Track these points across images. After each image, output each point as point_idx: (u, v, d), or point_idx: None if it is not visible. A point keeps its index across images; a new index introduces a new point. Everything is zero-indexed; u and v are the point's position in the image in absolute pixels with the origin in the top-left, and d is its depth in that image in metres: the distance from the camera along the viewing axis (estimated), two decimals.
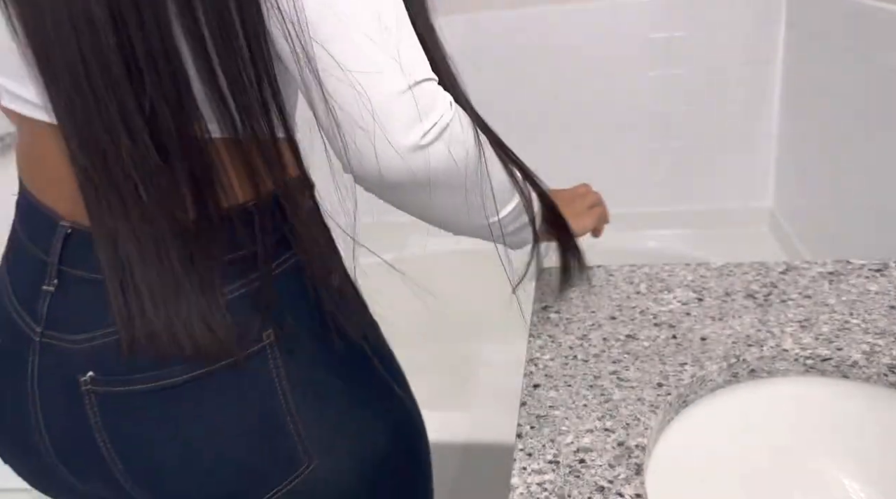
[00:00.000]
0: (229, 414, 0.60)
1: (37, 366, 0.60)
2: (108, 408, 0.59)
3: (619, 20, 1.88)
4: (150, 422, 0.59)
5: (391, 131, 0.52)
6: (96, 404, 0.59)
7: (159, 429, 0.59)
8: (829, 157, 1.49)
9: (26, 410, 0.62)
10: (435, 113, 0.54)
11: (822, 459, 0.70)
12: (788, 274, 0.85)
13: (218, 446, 0.60)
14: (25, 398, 0.62)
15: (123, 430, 0.60)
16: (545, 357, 0.74)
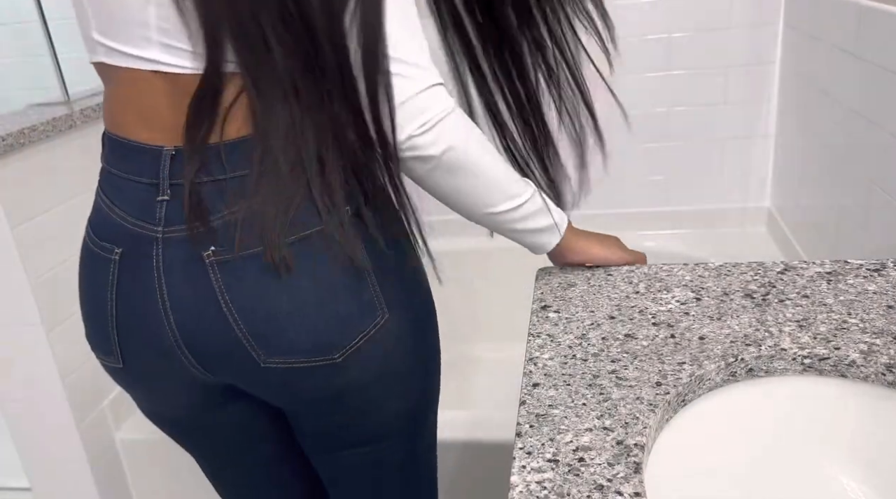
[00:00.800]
0: (324, 268, 0.73)
1: (161, 256, 0.73)
2: (228, 273, 0.72)
3: (619, 20, 1.88)
4: (261, 280, 0.72)
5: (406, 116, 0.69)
6: (219, 271, 0.72)
7: (268, 285, 0.72)
8: (827, 157, 1.49)
9: (154, 300, 0.74)
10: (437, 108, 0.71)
11: (820, 457, 0.70)
12: (786, 274, 0.86)
13: (319, 294, 0.73)
14: (153, 290, 0.74)
15: (241, 289, 0.72)
16: (544, 356, 0.74)
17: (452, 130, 0.73)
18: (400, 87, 0.69)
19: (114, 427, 1.59)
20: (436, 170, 0.74)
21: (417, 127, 0.71)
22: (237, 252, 0.72)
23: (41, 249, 1.39)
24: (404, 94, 0.69)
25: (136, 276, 0.75)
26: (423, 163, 0.73)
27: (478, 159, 0.76)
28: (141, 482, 1.64)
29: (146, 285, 0.75)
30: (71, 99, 1.56)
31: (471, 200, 0.78)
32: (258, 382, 0.78)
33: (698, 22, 1.84)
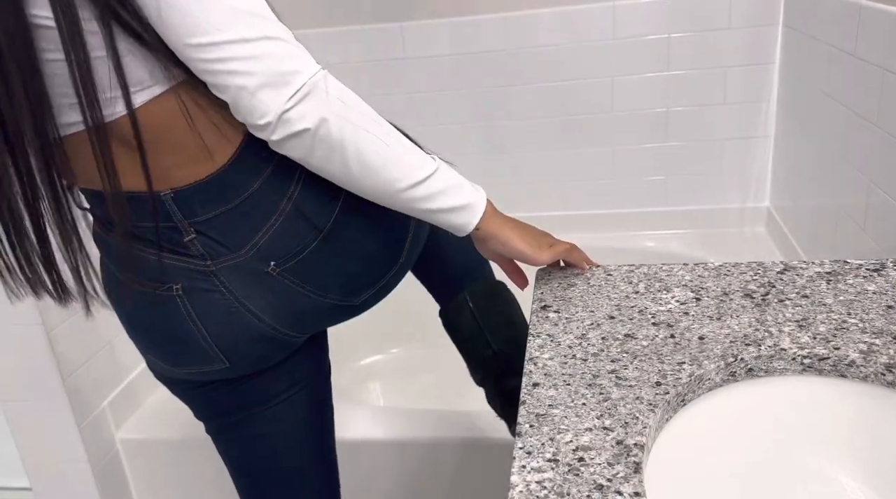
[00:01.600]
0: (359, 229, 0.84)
1: (227, 284, 0.80)
2: (298, 273, 0.81)
3: (618, 21, 1.88)
4: (328, 260, 0.82)
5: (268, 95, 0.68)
6: (290, 276, 0.81)
7: (335, 261, 0.83)
8: (827, 157, 1.49)
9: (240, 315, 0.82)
10: (299, 78, 0.69)
11: (819, 457, 0.70)
12: (786, 274, 0.86)
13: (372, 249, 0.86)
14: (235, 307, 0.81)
15: (317, 276, 0.82)
16: (544, 356, 0.74)
17: (325, 96, 0.70)
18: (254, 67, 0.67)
19: (114, 427, 1.59)
20: (316, 147, 0.72)
21: (286, 100, 0.68)
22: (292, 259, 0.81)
23: None
24: (265, 72, 0.67)
25: (211, 301, 0.81)
26: (300, 140, 0.71)
27: (362, 130, 0.73)
28: (141, 482, 1.64)
29: (226, 306, 0.82)
30: None
31: (366, 180, 0.75)
32: (355, 314, 0.91)
33: (698, 22, 1.84)
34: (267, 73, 0.67)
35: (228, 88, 0.68)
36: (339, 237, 0.83)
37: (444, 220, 0.81)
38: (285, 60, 0.68)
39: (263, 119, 0.68)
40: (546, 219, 2.13)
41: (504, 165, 2.08)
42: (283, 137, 0.70)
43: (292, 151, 0.73)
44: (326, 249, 0.82)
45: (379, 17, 1.97)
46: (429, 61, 2.00)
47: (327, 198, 0.81)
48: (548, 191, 2.11)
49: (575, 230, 2.11)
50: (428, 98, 2.03)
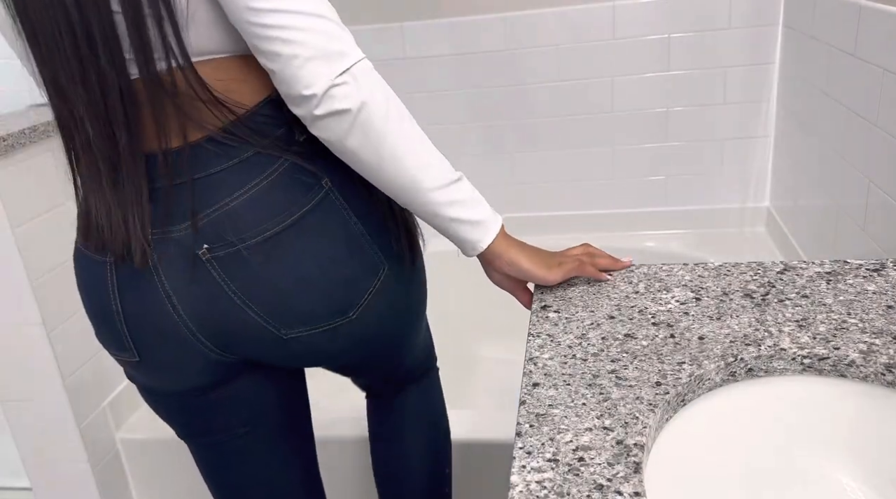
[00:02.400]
0: (321, 243, 0.79)
1: (156, 259, 0.77)
2: (228, 266, 0.76)
3: (618, 21, 1.88)
4: (264, 266, 0.77)
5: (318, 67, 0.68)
6: (217, 267, 0.77)
7: (272, 269, 0.77)
8: (827, 157, 1.49)
9: (158, 297, 0.78)
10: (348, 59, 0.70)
11: (819, 457, 0.70)
12: (786, 274, 0.86)
13: (323, 267, 0.79)
14: (156, 287, 0.77)
15: (246, 278, 0.77)
16: (544, 356, 0.74)
17: (370, 82, 0.71)
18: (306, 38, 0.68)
19: (114, 427, 1.59)
20: (353, 131, 0.72)
21: (335, 75, 0.69)
22: (229, 248, 0.76)
23: (41, 249, 1.40)
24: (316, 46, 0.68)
25: (135, 275, 0.78)
26: (340, 120, 0.71)
27: (398, 122, 0.74)
28: (141, 482, 1.64)
29: (147, 285, 0.78)
30: None
31: (393, 172, 0.75)
32: (283, 353, 0.84)
33: (698, 22, 1.84)
34: (318, 47, 0.68)
35: (280, 56, 0.68)
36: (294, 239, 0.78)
37: (459, 231, 0.80)
38: (335, 40, 0.69)
39: (309, 89, 0.69)
40: (546, 219, 2.13)
41: (504, 164, 2.08)
42: (325, 113, 0.70)
43: (328, 132, 0.72)
44: (273, 251, 0.77)
45: (379, 17, 1.97)
46: (429, 61, 2.00)
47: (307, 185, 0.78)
48: (548, 191, 2.11)
49: (575, 230, 2.12)
50: (428, 98, 2.03)
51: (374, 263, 0.83)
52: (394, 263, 0.86)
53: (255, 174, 0.76)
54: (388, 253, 0.85)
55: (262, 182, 0.76)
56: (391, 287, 0.86)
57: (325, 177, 0.79)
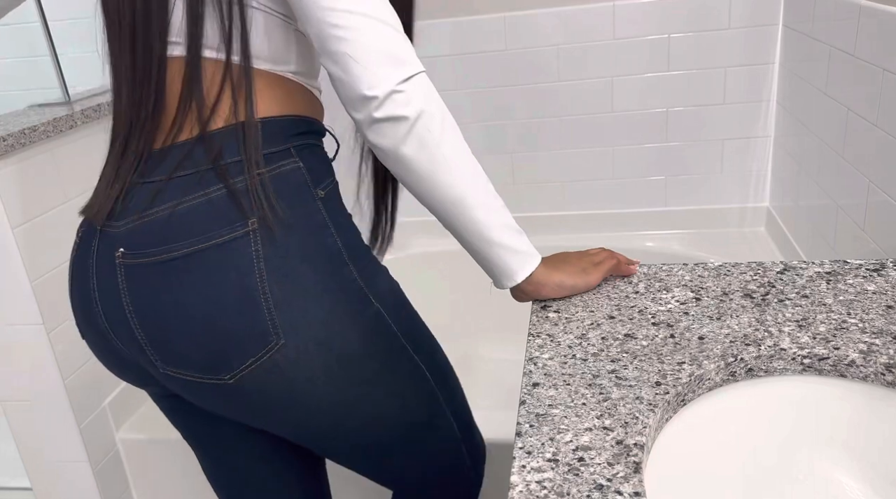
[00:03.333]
0: (215, 284, 0.72)
1: (97, 248, 0.78)
2: (131, 276, 0.75)
3: (618, 21, 1.88)
4: (158, 288, 0.74)
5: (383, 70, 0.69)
6: (124, 273, 0.75)
7: (164, 294, 0.73)
8: (827, 157, 1.49)
9: (88, 287, 0.79)
10: (411, 67, 0.70)
11: (819, 457, 0.70)
12: (786, 274, 0.86)
13: (207, 311, 0.73)
14: (88, 278, 0.79)
15: (140, 294, 0.75)
16: (544, 356, 0.74)
17: (429, 92, 0.72)
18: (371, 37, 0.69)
19: (114, 427, 1.59)
20: (410, 138, 0.71)
21: (398, 81, 0.69)
22: (137, 259, 0.74)
23: (41, 249, 1.40)
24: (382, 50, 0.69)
25: (83, 260, 0.80)
26: (397, 126, 0.70)
27: (452, 134, 0.73)
28: (141, 482, 1.64)
29: (85, 271, 0.80)
30: (71, 99, 1.56)
31: (444, 184, 0.73)
32: (168, 385, 0.80)
33: (698, 22, 1.84)
34: (383, 52, 0.69)
35: (345, 56, 0.69)
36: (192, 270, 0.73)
37: (501, 257, 0.78)
38: (401, 48, 0.70)
39: (372, 90, 0.69)
40: (546, 219, 2.13)
41: (504, 165, 2.08)
42: (384, 117, 0.70)
43: (384, 137, 0.71)
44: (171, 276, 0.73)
45: None
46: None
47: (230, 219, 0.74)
48: (548, 191, 2.11)
49: (575, 230, 2.12)
50: None
51: (265, 330, 0.73)
52: (304, 343, 0.74)
53: (192, 190, 0.74)
54: (295, 329, 0.73)
55: (192, 200, 0.74)
56: (290, 369, 0.74)
57: (258, 216, 0.73)
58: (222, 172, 0.74)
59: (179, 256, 0.73)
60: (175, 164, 0.75)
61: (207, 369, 0.75)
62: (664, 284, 0.87)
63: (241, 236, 0.73)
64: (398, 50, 0.70)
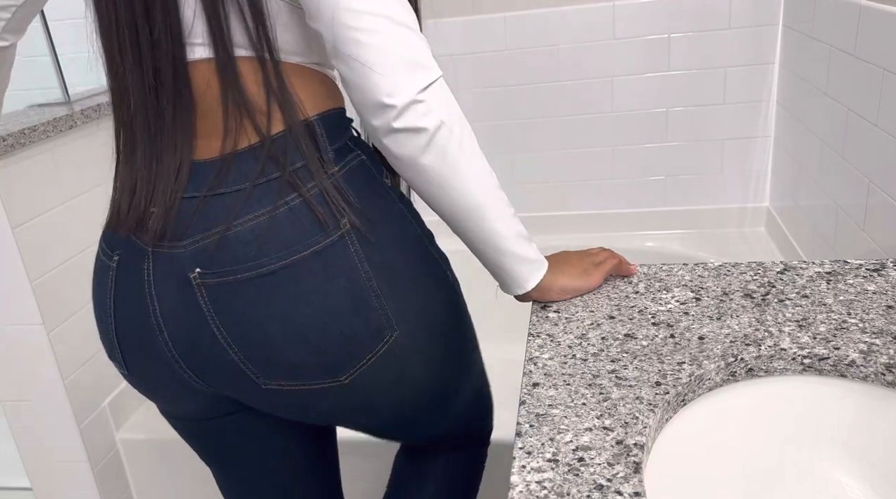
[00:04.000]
0: (323, 292, 0.71)
1: (151, 271, 0.73)
2: (216, 297, 0.71)
3: (618, 21, 1.88)
4: (255, 305, 0.70)
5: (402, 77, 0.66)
6: (206, 294, 0.71)
7: (264, 310, 0.70)
8: (827, 157, 1.49)
9: (146, 312, 0.74)
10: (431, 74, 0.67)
11: (819, 457, 0.70)
12: (786, 274, 0.86)
13: (320, 320, 0.71)
14: (146, 302, 0.74)
15: (232, 313, 0.71)
16: (544, 356, 0.74)
17: (448, 100, 0.69)
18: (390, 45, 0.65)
19: (114, 427, 1.59)
20: (430, 149, 0.69)
21: (418, 89, 0.66)
22: (221, 277, 0.70)
23: (41, 249, 1.40)
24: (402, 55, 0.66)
25: (131, 284, 0.75)
26: (417, 137, 0.68)
27: (470, 143, 0.71)
28: (141, 482, 1.64)
29: (139, 296, 0.74)
30: (71, 99, 1.56)
31: (462, 193, 0.72)
32: (262, 401, 0.78)
33: (698, 22, 1.84)
34: (404, 57, 0.65)
35: (362, 60, 0.65)
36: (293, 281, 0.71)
37: (513, 266, 0.78)
38: (420, 52, 0.67)
39: (391, 98, 0.65)
40: (546, 219, 2.13)
41: (504, 165, 2.08)
42: (404, 127, 0.67)
43: (402, 147, 0.69)
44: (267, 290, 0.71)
45: None
46: None
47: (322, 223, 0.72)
48: (548, 191, 2.11)
49: (575, 230, 2.12)
50: None
51: (380, 325, 0.74)
52: (412, 328, 0.77)
53: (269, 200, 0.71)
54: (404, 317, 0.76)
55: (274, 210, 0.71)
56: (403, 355, 0.77)
57: (347, 217, 0.72)
58: (294, 179, 0.71)
59: (276, 270, 0.70)
60: (241, 174, 0.71)
61: (324, 374, 0.74)
62: (664, 284, 0.87)
63: (337, 240, 0.72)
64: (418, 55, 0.66)
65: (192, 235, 0.71)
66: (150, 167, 0.73)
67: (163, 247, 0.72)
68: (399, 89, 0.65)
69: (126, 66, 0.71)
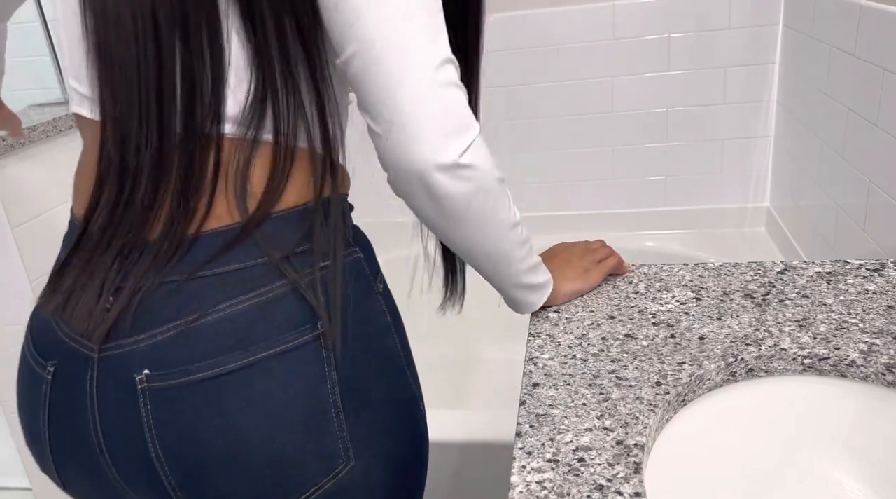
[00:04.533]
0: (279, 399, 0.61)
1: (95, 381, 0.62)
2: (160, 404, 0.60)
3: (618, 21, 1.88)
4: (201, 413, 0.60)
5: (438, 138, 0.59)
6: (149, 401, 0.60)
7: (210, 420, 0.60)
8: (827, 157, 1.49)
9: (87, 433, 0.63)
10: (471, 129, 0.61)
11: (819, 457, 0.70)
12: (786, 274, 0.86)
13: (267, 433, 0.61)
14: (87, 422, 0.63)
15: (173, 425, 0.60)
16: (544, 356, 0.74)
17: (485, 158, 0.63)
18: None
19: None
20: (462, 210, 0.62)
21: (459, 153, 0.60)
22: (170, 380, 0.60)
23: (41, 249, 1.39)
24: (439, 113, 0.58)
25: (69, 399, 0.64)
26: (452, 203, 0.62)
27: (502, 191, 0.66)
28: None
29: (79, 408, 0.63)
30: None
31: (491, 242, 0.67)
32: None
33: (698, 22, 1.84)
34: (444, 123, 0.59)
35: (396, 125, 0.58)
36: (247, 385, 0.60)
37: (524, 296, 0.78)
38: (460, 111, 0.60)
39: (427, 167, 0.59)
40: (546, 219, 2.13)
41: (504, 164, 2.08)
42: (439, 194, 0.60)
43: (431, 211, 0.63)
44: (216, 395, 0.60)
45: None
46: None
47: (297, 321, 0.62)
48: (548, 191, 2.11)
49: (575, 230, 2.12)
50: None
51: (334, 451, 0.64)
52: (368, 462, 0.66)
53: (243, 289, 0.61)
54: (365, 446, 0.66)
55: (247, 301, 0.61)
56: (355, 489, 0.66)
57: (324, 319, 0.63)
58: (282, 265, 0.62)
59: (236, 369, 0.60)
60: (210, 257, 0.61)
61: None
62: (664, 284, 0.86)
63: (311, 341, 0.62)
64: (459, 116, 0.59)
65: (150, 328, 0.60)
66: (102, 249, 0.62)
67: (110, 348, 0.61)
68: (437, 157, 0.59)
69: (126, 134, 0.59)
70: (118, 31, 0.57)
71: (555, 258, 0.86)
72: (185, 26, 0.57)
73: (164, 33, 0.57)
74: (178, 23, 0.57)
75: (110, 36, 0.58)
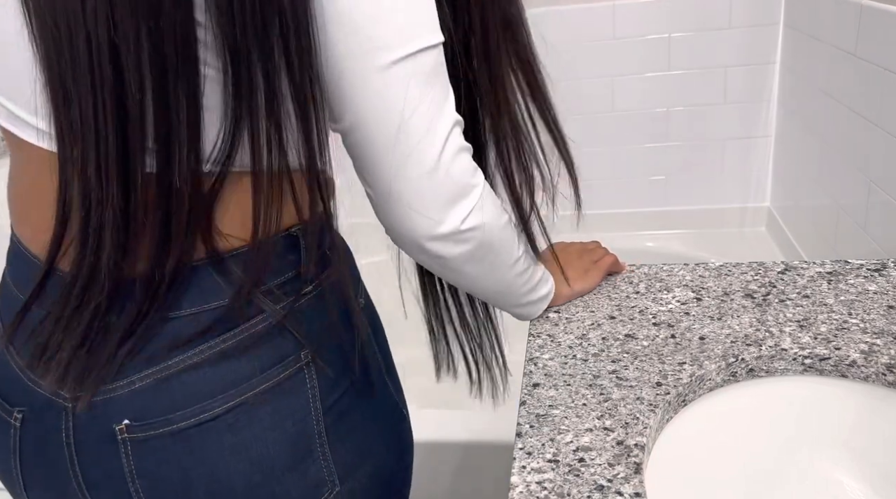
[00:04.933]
0: (265, 442, 0.59)
1: (68, 428, 0.58)
2: (142, 455, 0.57)
3: (618, 21, 1.88)
4: (184, 462, 0.57)
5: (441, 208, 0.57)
6: (131, 452, 0.57)
7: (189, 470, 0.58)
8: (827, 157, 1.49)
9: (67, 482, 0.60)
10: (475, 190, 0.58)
11: (820, 457, 0.70)
12: (787, 274, 0.86)
13: (252, 480, 0.59)
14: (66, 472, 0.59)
15: (156, 477, 0.58)
16: (544, 356, 0.74)
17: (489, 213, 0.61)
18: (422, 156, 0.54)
19: None
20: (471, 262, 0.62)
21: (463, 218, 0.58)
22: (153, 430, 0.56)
23: None
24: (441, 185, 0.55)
25: (44, 450, 0.60)
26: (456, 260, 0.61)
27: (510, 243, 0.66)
28: None
29: (57, 460, 0.59)
30: None
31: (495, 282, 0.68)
32: None
33: (698, 22, 1.84)
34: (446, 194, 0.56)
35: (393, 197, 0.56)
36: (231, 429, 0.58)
37: (527, 313, 0.78)
38: (465, 178, 0.57)
39: (429, 236, 0.57)
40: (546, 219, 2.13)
41: None
42: (441, 255, 0.59)
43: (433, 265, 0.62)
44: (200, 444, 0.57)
45: None
46: None
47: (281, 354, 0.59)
48: None
49: (575, 230, 2.12)
50: None
51: (320, 479, 0.62)
52: (354, 486, 0.65)
53: (222, 328, 0.57)
54: (349, 471, 0.64)
55: (228, 340, 0.57)
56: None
57: (309, 347, 0.60)
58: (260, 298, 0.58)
59: (220, 413, 0.57)
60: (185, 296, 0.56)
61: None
62: (665, 284, 0.86)
63: (295, 373, 0.60)
64: (462, 183, 0.57)
65: (127, 374, 0.56)
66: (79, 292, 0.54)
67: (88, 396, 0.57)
68: (439, 226, 0.57)
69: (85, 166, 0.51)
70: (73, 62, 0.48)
71: (552, 265, 0.85)
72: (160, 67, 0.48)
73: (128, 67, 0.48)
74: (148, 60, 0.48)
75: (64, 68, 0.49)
